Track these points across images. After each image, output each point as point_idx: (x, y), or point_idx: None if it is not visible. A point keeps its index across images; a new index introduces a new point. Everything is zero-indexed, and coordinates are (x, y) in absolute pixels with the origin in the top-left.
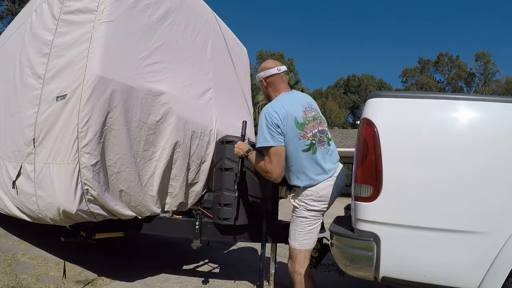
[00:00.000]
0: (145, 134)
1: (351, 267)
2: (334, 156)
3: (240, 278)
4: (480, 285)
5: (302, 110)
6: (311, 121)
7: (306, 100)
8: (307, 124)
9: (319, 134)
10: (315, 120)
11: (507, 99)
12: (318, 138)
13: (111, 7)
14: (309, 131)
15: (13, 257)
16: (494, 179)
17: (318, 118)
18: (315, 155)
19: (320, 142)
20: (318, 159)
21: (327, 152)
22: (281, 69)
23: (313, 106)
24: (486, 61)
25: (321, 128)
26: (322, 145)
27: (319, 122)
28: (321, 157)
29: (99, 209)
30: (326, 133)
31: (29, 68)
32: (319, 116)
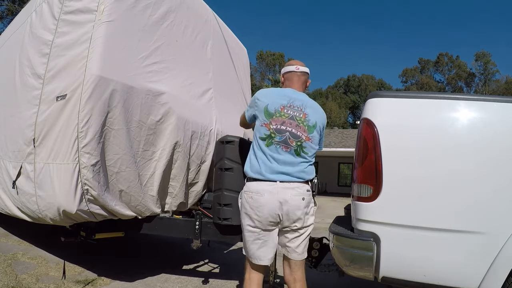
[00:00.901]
0: (145, 134)
1: (351, 267)
2: (295, 169)
3: (240, 278)
4: (480, 285)
5: (283, 103)
6: (285, 117)
7: (301, 101)
8: (277, 117)
9: (288, 134)
10: (292, 121)
11: (507, 99)
12: (285, 137)
13: (111, 7)
14: (274, 124)
15: (13, 257)
16: (494, 179)
17: (301, 122)
18: (266, 149)
19: (284, 142)
20: (267, 154)
21: (287, 157)
22: (299, 68)
23: (305, 111)
24: (486, 61)
25: (296, 132)
26: (286, 147)
27: (300, 126)
28: (271, 155)
29: (99, 209)
30: (301, 141)
31: (29, 68)
32: (305, 123)
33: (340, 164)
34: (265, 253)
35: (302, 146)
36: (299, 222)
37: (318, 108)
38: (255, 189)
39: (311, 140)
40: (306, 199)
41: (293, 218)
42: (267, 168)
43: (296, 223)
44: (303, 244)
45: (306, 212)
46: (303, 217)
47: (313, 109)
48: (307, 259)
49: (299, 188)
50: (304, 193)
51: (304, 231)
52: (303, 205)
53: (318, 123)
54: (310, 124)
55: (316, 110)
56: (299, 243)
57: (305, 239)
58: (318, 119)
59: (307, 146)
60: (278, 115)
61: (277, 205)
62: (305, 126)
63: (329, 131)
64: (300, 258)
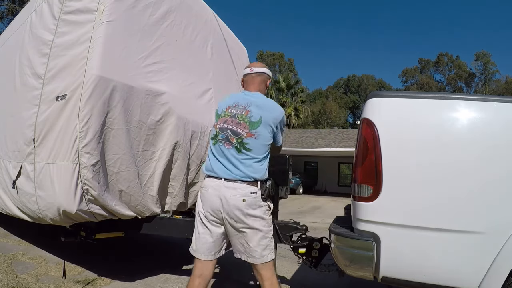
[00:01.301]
0: (145, 134)
1: (351, 267)
2: (238, 168)
3: (240, 278)
4: (480, 285)
5: (228, 104)
6: (227, 116)
7: (246, 101)
8: (223, 117)
9: (230, 132)
10: (234, 118)
11: (507, 99)
12: (226, 135)
13: (111, 7)
14: (219, 123)
15: (13, 257)
16: (494, 180)
17: (242, 119)
18: (213, 147)
19: (226, 140)
20: (214, 152)
21: (229, 154)
22: (253, 69)
23: (248, 108)
24: (486, 61)
25: (236, 129)
26: (228, 145)
27: (240, 123)
28: (217, 153)
29: (99, 209)
30: (241, 138)
31: (29, 68)
32: (247, 119)
33: (340, 164)
34: (202, 247)
35: (243, 142)
36: (242, 224)
37: (268, 105)
38: (204, 184)
39: (255, 136)
40: (247, 201)
41: (233, 218)
42: (214, 165)
43: (239, 224)
44: (259, 248)
45: (248, 213)
46: (244, 218)
47: (259, 107)
48: (307, 259)
49: (241, 189)
50: (246, 194)
51: (252, 234)
52: (243, 206)
53: (265, 118)
54: (253, 120)
55: (263, 107)
56: (251, 246)
57: (258, 242)
58: (264, 114)
59: (249, 142)
60: (223, 115)
61: (218, 202)
62: (247, 122)
63: (329, 131)
64: (258, 262)
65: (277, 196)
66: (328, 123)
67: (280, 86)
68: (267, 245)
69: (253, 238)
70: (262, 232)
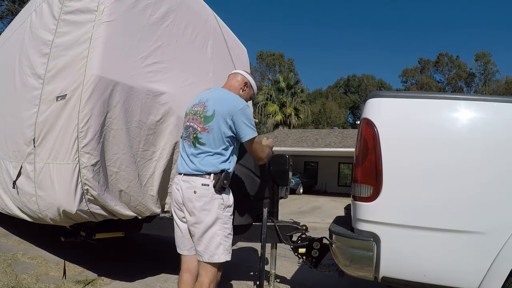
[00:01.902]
0: (144, 134)
1: (351, 267)
2: (194, 162)
3: (240, 278)
4: (480, 285)
5: (193, 103)
6: (191, 114)
7: (207, 97)
8: (188, 115)
9: (191, 129)
10: (195, 116)
11: (507, 99)
12: (189, 132)
13: (111, 7)
14: (185, 122)
15: (13, 257)
16: (494, 180)
17: (199, 115)
18: (180, 145)
19: (188, 137)
20: (180, 149)
21: (188, 150)
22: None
23: (206, 103)
24: (486, 61)
25: (193, 125)
26: (188, 141)
27: (197, 118)
28: (181, 150)
29: (99, 209)
30: (196, 133)
31: (29, 68)
32: (202, 114)
33: (340, 164)
34: (177, 241)
35: (197, 137)
36: (193, 216)
37: (224, 98)
38: (175, 180)
39: (208, 130)
40: (198, 192)
41: (187, 210)
42: (179, 162)
43: (193, 218)
44: (202, 243)
45: (199, 206)
46: (196, 212)
47: (215, 100)
48: (307, 259)
49: (193, 181)
50: (197, 186)
51: (201, 228)
52: (194, 198)
53: (218, 111)
54: (207, 114)
55: (220, 100)
56: (196, 239)
57: (203, 237)
58: (218, 108)
59: (203, 136)
60: (188, 113)
61: (179, 195)
62: (202, 118)
63: (329, 131)
64: (200, 259)
65: (277, 196)
66: (328, 123)
67: (280, 86)
68: (220, 244)
69: (198, 232)
70: (214, 228)
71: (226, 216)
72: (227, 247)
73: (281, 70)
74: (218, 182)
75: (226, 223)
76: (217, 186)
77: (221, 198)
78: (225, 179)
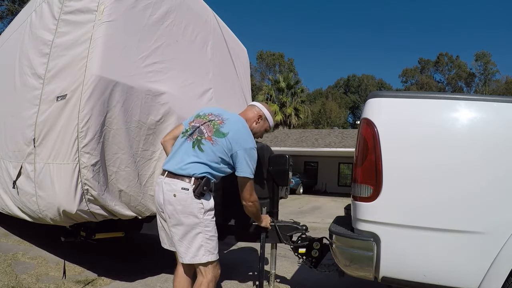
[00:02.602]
0: (144, 134)
1: (351, 267)
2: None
3: (240, 278)
4: (480, 285)
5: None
6: (205, 119)
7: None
8: (201, 118)
9: (198, 131)
10: (208, 123)
11: (507, 99)
12: (194, 131)
13: (111, 7)
14: (195, 122)
15: (13, 257)
16: (494, 180)
17: (213, 125)
18: (177, 141)
19: (190, 135)
20: (174, 146)
21: (185, 147)
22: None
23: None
24: (486, 61)
25: (202, 129)
26: (189, 139)
27: (209, 126)
28: (176, 146)
29: (99, 209)
30: (201, 136)
31: (29, 68)
32: (217, 126)
33: (340, 164)
34: (162, 236)
35: (201, 142)
36: (173, 219)
37: (241, 131)
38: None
39: (213, 143)
40: (178, 196)
41: (167, 212)
42: (168, 158)
43: (170, 219)
44: (183, 245)
45: (179, 210)
46: (176, 214)
47: (234, 126)
48: (307, 259)
49: (174, 184)
50: (177, 190)
51: (181, 230)
52: (174, 201)
53: (232, 134)
54: (221, 130)
55: (237, 130)
56: (177, 241)
57: (184, 239)
58: (232, 133)
59: (205, 144)
60: (202, 117)
61: (161, 197)
62: (214, 128)
63: (329, 131)
64: (181, 260)
65: (277, 196)
66: (328, 123)
67: (280, 86)
68: (201, 246)
69: (183, 235)
70: (194, 231)
71: (206, 219)
72: (209, 248)
73: (281, 70)
74: (198, 188)
75: (207, 226)
76: (196, 191)
77: (200, 202)
78: (205, 185)
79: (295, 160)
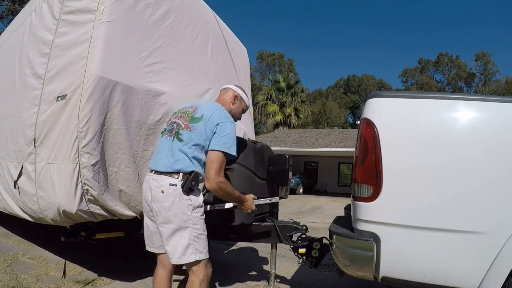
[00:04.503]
0: (144, 134)
1: (351, 267)
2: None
3: (240, 278)
4: (480, 285)
5: (186, 105)
6: (178, 113)
7: (200, 104)
8: (175, 114)
9: (175, 125)
10: (183, 115)
11: (507, 99)
12: (172, 127)
13: (111, 7)
14: (171, 118)
15: (13, 257)
16: (494, 180)
17: (187, 114)
18: (159, 140)
19: (169, 132)
20: (157, 145)
21: (166, 145)
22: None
23: (198, 108)
24: (486, 61)
25: (179, 121)
26: (169, 136)
27: (184, 117)
28: (158, 145)
29: (99, 209)
30: (178, 128)
31: (29, 68)
32: (191, 115)
33: (340, 164)
34: (146, 239)
35: (179, 132)
36: (160, 216)
37: (215, 109)
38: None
39: (191, 129)
40: (166, 192)
41: (154, 210)
42: (153, 157)
43: (158, 216)
44: (171, 244)
45: (167, 206)
46: (163, 212)
47: (206, 107)
48: (307, 259)
49: (161, 180)
50: (164, 186)
51: (169, 228)
52: (161, 198)
53: (207, 115)
54: (195, 115)
55: (210, 109)
56: (165, 239)
57: (171, 237)
58: (207, 112)
59: (184, 133)
60: (177, 113)
61: (148, 194)
62: (189, 117)
63: (329, 131)
64: (171, 262)
65: (277, 196)
66: (328, 123)
67: (280, 86)
68: (189, 245)
69: (171, 234)
70: (182, 229)
71: (195, 217)
72: (197, 247)
73: (281, 70)
74: (186, 183)
75: (195, 224)
76: (185, 187)
77: (189, 199)
78: (193, 181)
79: (295, 160)
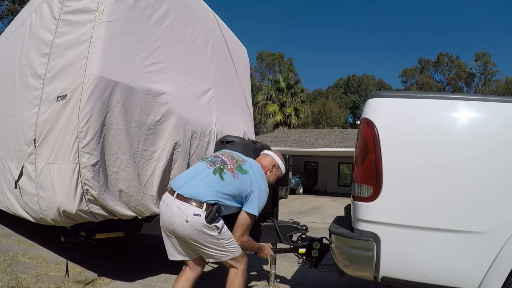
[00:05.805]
0: (144, 134)
1: (351, 267)
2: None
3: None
4: (480, 285)
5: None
6: (225, 153)
7: (246, 159)
8: (221, 152)
9: (220, 160)
10: (230, 157)
11: (507, 99)
12: (215, 160)
13: (111, 7)
14: (218, 153)
15: (13, 257)
16: (494, 180)
17: (235, 160)
18: (196, 164)
19: (212, 162)
20: (192, 168)
21: (204, 172)
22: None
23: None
24: (486, 61)
25: (225, 160)
26: (210, 165)
27: (232, 160)
28: (193, 167)
29: (99, 209)
30: (225, 166)
31: (29, 68)
32: (239, 163)
33: (340, 164)
34: (168, 250)
35: (223, 171)
36: (189, 239)
37: (259, 171)
38: (162, 198)
39: (234, 176)
40: (190, 222)
41: (181, 234)
42: (181, 177)
43: (187, 239)
44: (207, 253)
45: (195, 233)
46: (193, 236)
47: (254, 168)
48: (307, 259)
49: (185, 209)
50: (188, 215)
51: (202, 247)
52: (187, 226)
53: (252, 174)
54: (243, 167)
55: (257, 172)
56: (200, 251)
57: (210, 253)
58: (253, 173)
59: (228, 174)
60: (224, 152)
61: (172, 219)
62: (237, 163)
63: (329, 131)
64: (209, 260)
65: (277, 196)
66: (328, 123)
67: (280, 86)
68: (225, 248)
69: (204, 252)
70: (217, 245)
71: (223, 234)
72: (232, 249)
73: (281, 70)
74: (210, 214)
75: (225, 239)
76: (209, 217)
77: (212, 225)
78: (217, 212)
79: (295, 160)
